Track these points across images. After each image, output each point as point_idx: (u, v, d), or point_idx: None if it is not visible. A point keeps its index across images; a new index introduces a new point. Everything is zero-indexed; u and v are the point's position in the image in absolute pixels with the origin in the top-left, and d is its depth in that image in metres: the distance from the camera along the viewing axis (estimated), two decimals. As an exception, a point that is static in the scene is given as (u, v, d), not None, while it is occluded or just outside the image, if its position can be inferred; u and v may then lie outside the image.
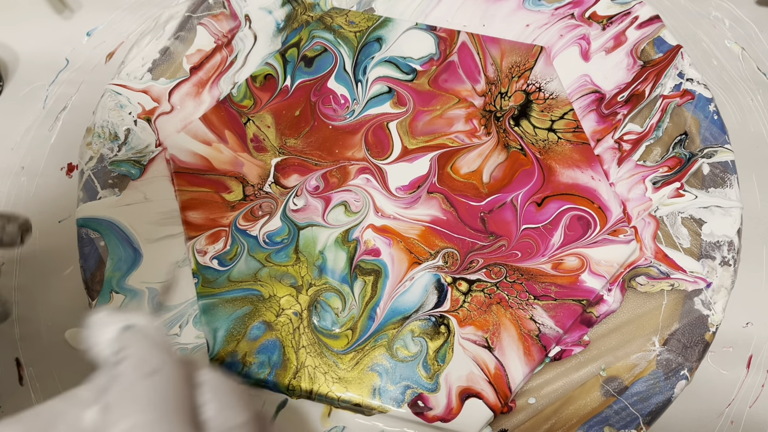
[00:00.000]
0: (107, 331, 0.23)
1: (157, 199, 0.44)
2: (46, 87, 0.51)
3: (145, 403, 0.21)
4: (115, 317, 0.24)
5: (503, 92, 0.46)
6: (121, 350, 0.22)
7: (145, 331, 0.23)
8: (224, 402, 0.22)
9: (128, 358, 0.22)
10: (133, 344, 0.23)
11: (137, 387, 0.21)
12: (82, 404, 0.21)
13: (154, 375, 0.21)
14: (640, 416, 0.38)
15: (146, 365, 0.22)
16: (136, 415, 0.20)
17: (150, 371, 0.22)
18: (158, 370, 0.22)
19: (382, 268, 0.41)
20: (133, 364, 0.22)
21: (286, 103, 0.46)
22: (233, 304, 0.41)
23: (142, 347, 0.22)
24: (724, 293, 0.40)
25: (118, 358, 0.22)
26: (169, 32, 0.49)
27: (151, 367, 0.22)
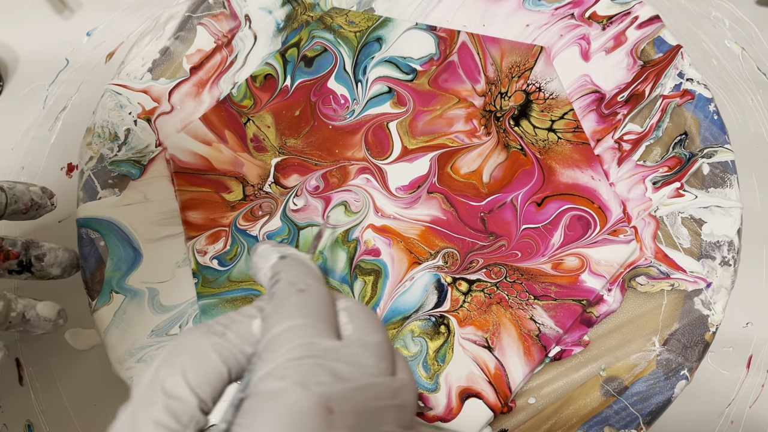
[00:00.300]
0: (269, 259, 0.28)
1: (157, 199, 0.44)
2: (46, 87, 0.51)
3: (296, 311, 0.24)
4: (275, 248, 0.28)
5: (503, 92, 0.46)
6: (277, 274, 0.26)
7: (298, 259, 0.27)
8: (361, 322, 0.25)
9: (282, 279, 0.26)
10: (287, 268, 0.27)
11: (290, 300, 0.25)
12: (250, 316, 0.25)
13: (304, 291, 0.25)
14: (640, 416, 0.38)
15: (298, 284, 0.25)
16: (290, 320, 0.24)
17: (301, 288, 0.25)
18: (308, 287, 0.25)
19: (382, 268, 0.41)
20: (287, 283, 0.26)
21: (286, 103, 0.46)
22: (233, 304, 0.41)
23: (294, 270, 0.26)
24: (724, 293, 0.40)
25: (274, 280, 0.26)
26: (169, 32, 0.49)
27: (302, 285, 0.25)
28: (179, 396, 0.22)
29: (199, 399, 0.22)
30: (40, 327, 0.39)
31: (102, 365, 0.43)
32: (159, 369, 0.23)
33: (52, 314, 0.39)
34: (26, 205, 0.39)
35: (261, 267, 0.28)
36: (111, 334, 0.41)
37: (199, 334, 0.24)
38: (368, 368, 0.23)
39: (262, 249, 0.29)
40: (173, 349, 0.23)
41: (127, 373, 0.40)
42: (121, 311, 0.41)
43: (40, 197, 0.40)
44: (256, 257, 0.29)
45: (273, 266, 0.27)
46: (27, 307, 0.38)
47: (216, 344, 0.23)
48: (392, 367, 0.25)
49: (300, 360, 0.22)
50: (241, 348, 0.24)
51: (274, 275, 0.27)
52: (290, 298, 0.25)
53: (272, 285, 0.26)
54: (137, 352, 0.40)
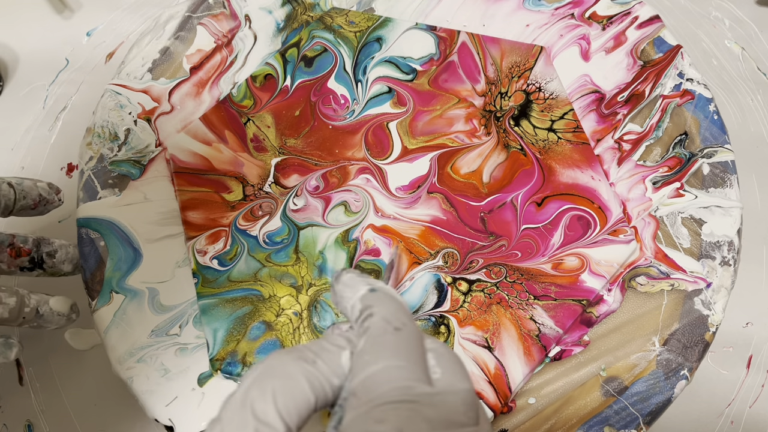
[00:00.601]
0: (357, 289, 0.27)
1: (157, 199, 0.44)
2: (46, 87, 0.51)
3: (393, 352, 0.24)
4: (362, 279, 0.28)
5: (503, 92, 0.46)
6: (369, 307, 0.26)
7: (389, 293, 0.27)
8: (449, 367, 0.25)
9: (376, 315, 0.25)
10: (381, 303, 0.26)
11: (386, 338, 0.24)
12: (340, 347, 0.25)
13: (400, 330, 0.25)
14: (640, 416, 0.38)
15: (393, 321, 0.25)
16: (387, 360, 0.23)
17: (397, 327, 0.25)
18: (404, 327, 0.25)
19: (382, 268, 0.41)
20: (382, 319, 0.25)
21: (286, 103, 0.46)
22: (233, 304, 0.41)
23: (389, 306, 0.26)
24: (724, 293, 0.40)
25: (366, 314, 0.26)
26: (169, 32, 0.49)
27: (397, 324, 0.25)
28: (269, 422, 0.22)
29: (287, 426, 0.22)
30: (54, 322, 0.39)
31: (102, 365, 0.43)
32: (250, 390, 0.23)
33: (65, 309, 0.40)
34: (35, 201, 0.39)
35: (348, 297, 0.27)
36: (111, 334, 0.41)
37: (291, 360, 0.24)
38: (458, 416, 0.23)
39: (348, 278, 0.28)
40: (264, 370, 0.23)
41: (127, 373, 0.40)
42: (121, 311, 0.41)
43: (48, 193, 0.40)
44: (341, 286, 0.28)
45: (363, 298, 0.27)
46: (40, 303, 0.39)
47: (307, 372, 0.23)
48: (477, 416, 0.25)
49: (397, 404, 0.22)
50: (329, 379, 0.24)
51: (366, 308, 0.26)
52: (386, 336, 0.25)
53: (364, 319, 0.26)
54: (137, 352, 0.40)
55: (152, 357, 0.40)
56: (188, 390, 0.39)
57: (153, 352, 0.40)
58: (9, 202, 0.38)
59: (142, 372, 0.40)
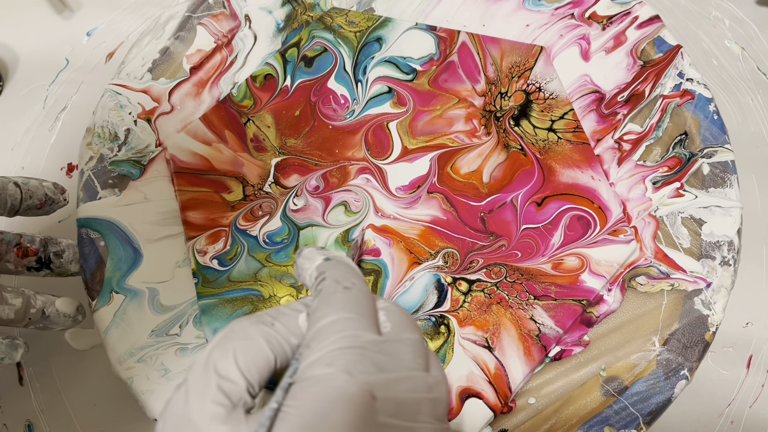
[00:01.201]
0: (314, 260, 0.29)
1: (157, 199, 0.44)
2: (46, 87, 0.51)
3: (342, 306, 0.26)
4: (319, 251, 0.30)
5: (503, 92, 0.46)
6: (322, 273, 0.28)
7: (342, 260, 0.29)
8: (398, 321, 0.27)
9: (328, 278, 0.27)
10: (333, 268, 0.28)
11: (336, 295, 0.26)
12: (297, 311, 0.27)
13: (349, 289, 0.27)
14: (640, 416, 0.38)
15: (343, 281, 0.27)
16: (336, 313, 0.25)
17: (346, 286, 0.27)
18: (353, 286, 0.27)
19: (382, 268, 0.41)
20: (333, 280, 0.27)
21: (286, 103, 0.46)
22: (233, 304, 0.41)
23: (340, 270, 0.28)
24: (724, 293, 0.40)
25: (321, 278, 0.27)
26: (169, 32, 0.49)
27: (347, 283, 0.27)
28: (230, 377, 0.23)
29: (247, 382, 0.24)
30: (60, 323, 0.39)
31: (102, 365, 0.43)
32: (212, 352, 0.24)
33: (71, 310, 0.40)
34: (40, 201, 0.40)
35: (306, 268, 0.29)
36: (111, 334, 0.41)
37: (250, 323, 0.25)
38: (406, 362, 0.25)
39: (308, 251, 0.30)
40: (225, 334, 0.25)
41: (127, 373, 0.40)
42: (121, 311, 0.41)
43: (54, 192, 0.41)
44: (301, 259, 0.30)
45: (319, 266, 0.29)
46: (46, 304, 0.39)
47: (265, 333, 0.25)
48: (427, 364, 0.26)
49: (346, 349, 0.24)
50: (287, 338, 0.25)
51: (320, 274, 0.28)
52: (336, 294, 0.26)
53: (318, 283, 0.28)
54: (137, 352, 0.40)
55: (152, 357, 0.40)
56: (188, 390, 0.39)
57: (153, 352, 0.40)
58: (15, 201, 0.38)
59: (142, 372, 0.40)
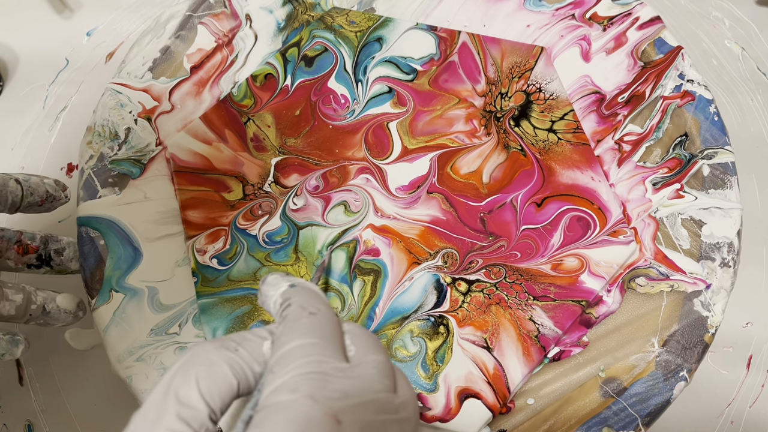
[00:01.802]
0: (279, 287, 0.29)
1: (157, 198, 0.44)
2: (46, 87, 0.51)
3: (307, 332, 0.25)
4: (284, 278, 0.29)
5: (503, 92, 0.46)
6: (287, 299, 0.28)
7: (307, 286, 0.29)
8: (363, 343, 0.27)
9: (293, 304, 0.27)
10: (298, 294, 0.28)
11: (301, 321, 0.26)
12: (261, 338, 0.26)
13: (314, 314, 0.26)
14: (639, 417, 0.38)
15: (308, 307, 0.27)
16: (301, 339, 0.25)
17: (312, 311, 0.27)
18: (318, 311, 0.27)
19: (382, 268, 0.41)
20: (298, 306, 0.27)
21: (286, 102, 0.46)
22: (233, 303, 0.41)
23: (305, 296, 0.28)
24: (723, 295, 0.40)
25: (286, 305, 0.27)
26: (170, 31, 0.49)
27: (312, 309, 0.27)
28: (192, 404, 0.23)
29: (209, 408, 0.23)
30: (61, 319, 0.40)
31: (102, 365, 0.43)
32: (174, 378, 0.24)
33: (72, 306, 0.40)
34: (41, 198, 0.40)
35: (270, 295, 0.29)
36: (110, 333, 0.41)
37: (213, 348, 0.25)
38: (372, 384, 0.25)
39: (272, 278, 0.30)
40: (188, 359, 0.24)
41: (127, 372, 0.40)
42: (121, 310, 0.41)
43: (55, 189, 0.41)
44: (266, 286, 0.29)
45: (284, 293, 0.28)
46: (47, 300, 0.39)
47: (228, 358, 0.24)
48: (394, 385, 0.26)
49: (310, 374, 0.24)
50: (251, 365, 0.25)
51: (285, 300, 0.28)
52: (302, 319, 0.26)
53: (283, 309, 0.27)
54: (137, 350, 0.40)
55: (151, 356, 0.40)
56: (187, 389, 0.39)
57: (152, 351, 0.40)
58: (16, 198, 0.38)
59: (141, 371, 0.40)
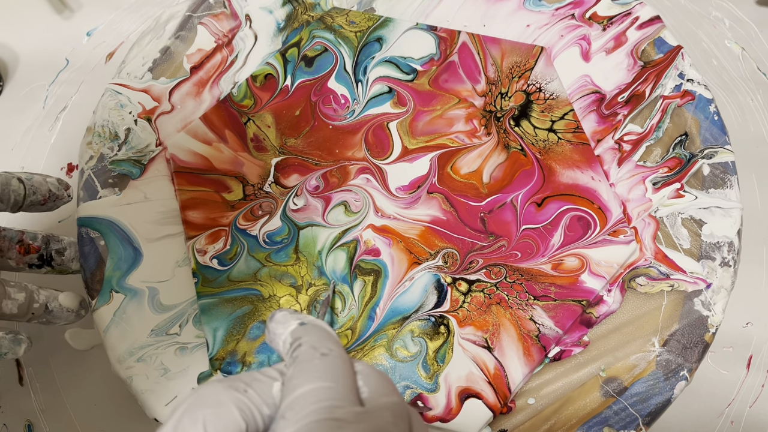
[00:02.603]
0: (288, 325, 0.28)
1: (158, 198, 0.44)
2: (46, 87, 0.51)
3: (320, 374, 0.25)
4: (293, 315, 0.29)
5: (503, 92, 0.46)
6: (298, 339, 0.27)
7: (317, 325, 0.28)
8: (376, 384, 0.26)
9: (304, 344, 0.26)
10: (309, 334, 0.27)
11: (313, 363, 0.25)
12: (271, 378, 0.25)
13: (327, 355, 0.26)
14: (639, 417, 0.38)
15: (320, 348, 0.26)
16: (313, 382, 0.24)
17: (324, 352, 0.26)
18: (330, 352, 0.26)
19: (382, 268, 0.41)
20: (309, 346, 0.26)
21: (286, 102, 0.46)
22: (233, 303, 0.41)
23: (316, 335, 0.27)
24: (724, 294, 0.40)
25: (296, 344, 0.27)
26: (170, 32, 0.49)
27: (324, 350, 0.26)
28: None
29: None
30: (63, 318, 0.39)
31: (102, 365, 0.43)
32: (181, 419, 0.23)
33: (74, 305, 0.40)
34: (44, 197, 0.40)
35: (279, 333, 0.28)
36: (111, 334, 0.41)
37: (222, 388, 0.24)
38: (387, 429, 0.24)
39: (281, 316, 0.29)
40: (195, 400, 0.24)
41: (127, 373, 0.40)
42: (121, 310, 0.41)
43: (57, 188, 0.41)
44: (274, 324, 0.29)
45: (293, 332, 0.28)
46: (49, 299, 0.39)
47: (237, 400, 0.24)
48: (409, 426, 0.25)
49: (324, 422, 0.23)
50: (260, 407, 0.24)
51: (295, 340, 0.27)
52: (313, 361, 0.25)
53: (294, 349, 0.27)
54: (137, 351, 0.40)
55: (152, 356, 0.40)
56: (188, 389, 0.39)
57: (153, 352, 0.40)
58: (18, 197, 0.38)
59: (141, 371, 0.40)
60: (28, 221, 0.46)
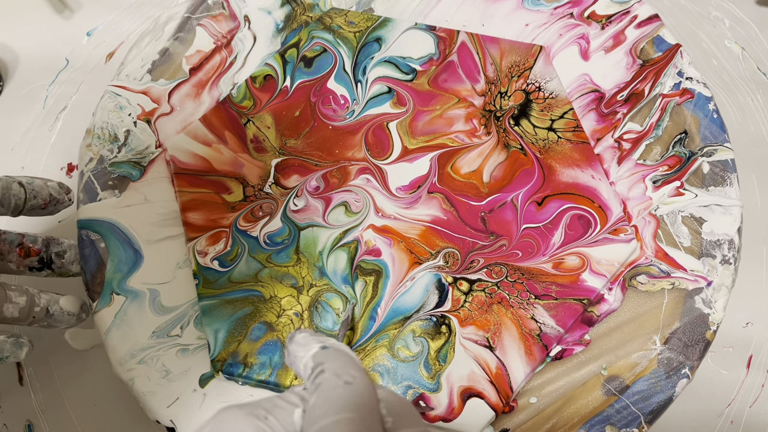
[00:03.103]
0: (309, 348, 0.27)
1: (158, 200, 0.44)
2: (46, 87, 0.51)
3: (344, 405, 0.24)
4: (314, 337, 0.28)
5: (503, 92, 0.46)
6: (320, 364, 0.26)
7: (340, 349, 0.27)
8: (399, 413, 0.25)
9: (327, 370, 0.25)
10: (331, 359, 0.26)
11: (337, 392, 0.24)
12: (293, 404, 0.25)
13: (351, 384, 0.25)
14: (641, 415, 0.38)
15: (344, 375, 0.25)
16: (338, 413, 0.23)
17: (347, 380, 0.25)
18: (354, 380, 0.25)
19: (383, 268, 0.41)
20: (333, 374, 0.25)
21: (285, 103, 0.46)
22: (234, 305, 0.41)
23: (339, 361, 0.26)
24: (724, 292, 0.40)
25: (318, 371, 0.26)
26: (169, 33, 0.49)
27: (348, 378, 0.25)
28: None
29: None
30: (64, 321, 0.39)
31: (102, 365, 0.43)
32: None
33: (75, 308, 0.40)
34: (45, 201, 0.40)
35: (301, 356, 0.27)
36: (112, 336, 0.41)
37: (242, 415, 0.24)
38: None
39: (301, 337, 0.28)
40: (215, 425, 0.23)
41: (129, 375, 0.40)
42: (122, 313, 0.41)
43: (58, 192, 0.40)
44: (294, 345, 0.28)
45: (315, 356, 0.27)
46: (50, 302, 0.39)
47: (257, 427, 0.23)
48: None
49: None
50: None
51: (318, 365, 0.26)
52: (337, 389, 0.25)
53: (316, 375, 0.26)
54: (138, 353, 0.40)
55: (153, 358, 0.40)
56: (189, 391, 0.39)
57: (154, 354, 0.40)
58: (19, 201, 0.38)
59: (143, 373, 0.40)
60: (28, 224, 0.46)
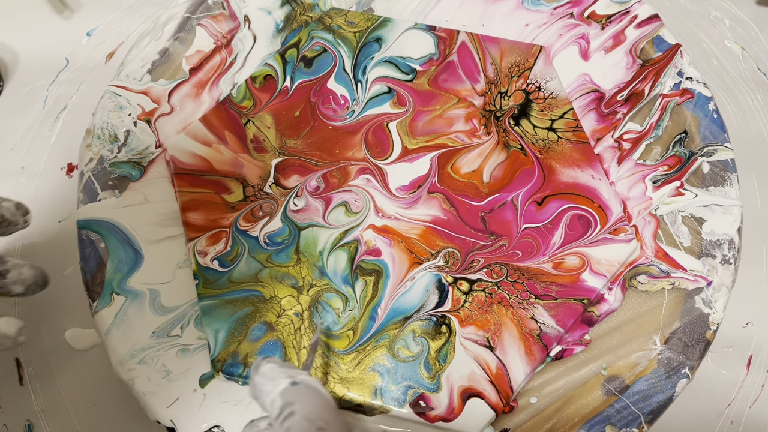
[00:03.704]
0: (277, 383, 0.25)
1: (158, 200, 0.44)
2: (46, 87, 0.51)
3: None
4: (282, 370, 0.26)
5: (503, 92, 0.46)
6: (290, 404, 0.24)
7: (311, 386, 0.25)
8: None
9: (298, 413, 0.24)
10: (302, 400, 0.24)
11: None
12: None
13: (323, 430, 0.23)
14: (641, 415, 0.38)
15: (316, 420, 0.23)
16: None
17: (319, 426, 0.23)
18: (326, 425, 0.24)
19: (383, 268, 0.41)
20: (304, 418, 0.24)
21: (285, 103, 0.46)
22: (234, 305, 0.41)
23: (310, 403, 0.24)
24: (724, 291, 0.40)
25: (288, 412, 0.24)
26: (169, 33, 0.49)
27: (320, 423, 0.23)
28: None
29: None
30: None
31: (102, 365, 0.43)
32: None
33: (11, 331, 0.37)
34: None
35: (267, 391, 0.25)
36: (112, 336, 0.41)
37: None
38: None
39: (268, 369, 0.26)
40: None
41: (129, 375, 0.40)
42: (122, 313, 0.41)
43: (12, 213, 0.37)
44: (260, 378, 0.26)
45: (283, 393, 0.25)
46: None
47: None
48: None
49: None
50: None
51: (287, 405, 0.24)
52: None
53: (285, 417, 0.24)
54: (138, 353, 0.40)
55: (153, 358, 0.40)
56: (190, 391, 0.39)
57: (154, 354, 0.40)
58: None
59: (143, 373, 0.40)
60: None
